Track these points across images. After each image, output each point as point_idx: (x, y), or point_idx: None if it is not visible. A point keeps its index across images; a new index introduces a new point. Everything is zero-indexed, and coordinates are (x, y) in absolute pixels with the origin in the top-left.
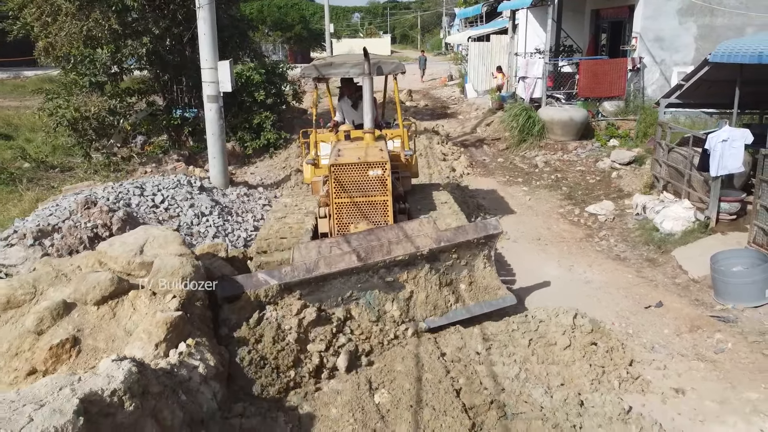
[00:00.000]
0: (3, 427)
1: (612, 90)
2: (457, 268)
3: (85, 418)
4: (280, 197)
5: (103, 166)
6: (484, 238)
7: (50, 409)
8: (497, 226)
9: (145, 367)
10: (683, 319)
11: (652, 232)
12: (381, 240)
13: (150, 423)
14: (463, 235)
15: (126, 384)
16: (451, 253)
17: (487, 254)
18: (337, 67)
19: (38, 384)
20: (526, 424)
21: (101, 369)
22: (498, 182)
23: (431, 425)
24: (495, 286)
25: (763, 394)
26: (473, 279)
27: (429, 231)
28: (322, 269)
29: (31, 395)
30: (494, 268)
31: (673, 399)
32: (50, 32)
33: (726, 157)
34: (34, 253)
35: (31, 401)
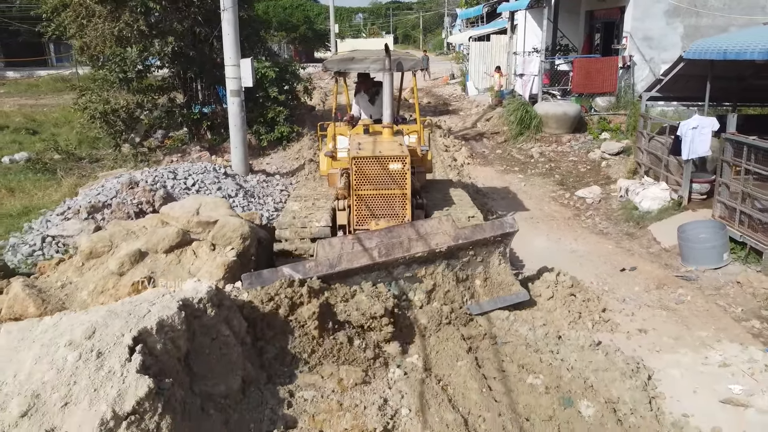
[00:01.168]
0: (133, 313)
1: (604, 86)
2: (473, 265)
3: (183, 314)
4: (296, 184)
5: (131, 157)
6: (501, 236)
7: (160, 305)
8: (513, 224)
9: (218, 288)
10: (652, 279)
11: (632, 211)
12: (401, 237)
13: (224, 327)
14: (480, 233)
15: (208, 295)
16: (468, 250)
17: (503, 251)
18: (358, 62)
19: (145, 293)
20: (513, 348)
21: (188, 286)
22: (496, 171)
23: (437, 347)
24: (509, 282)
25: (711, 333)
26: (488, 275)
27: (447, 229)
28: (344, 265)
29: (143, 299)
30: (509, 264)
31: (636, 336)
32: (85, 33)
33: (696, 143)
34: (88, 225)
35: (145, 301)
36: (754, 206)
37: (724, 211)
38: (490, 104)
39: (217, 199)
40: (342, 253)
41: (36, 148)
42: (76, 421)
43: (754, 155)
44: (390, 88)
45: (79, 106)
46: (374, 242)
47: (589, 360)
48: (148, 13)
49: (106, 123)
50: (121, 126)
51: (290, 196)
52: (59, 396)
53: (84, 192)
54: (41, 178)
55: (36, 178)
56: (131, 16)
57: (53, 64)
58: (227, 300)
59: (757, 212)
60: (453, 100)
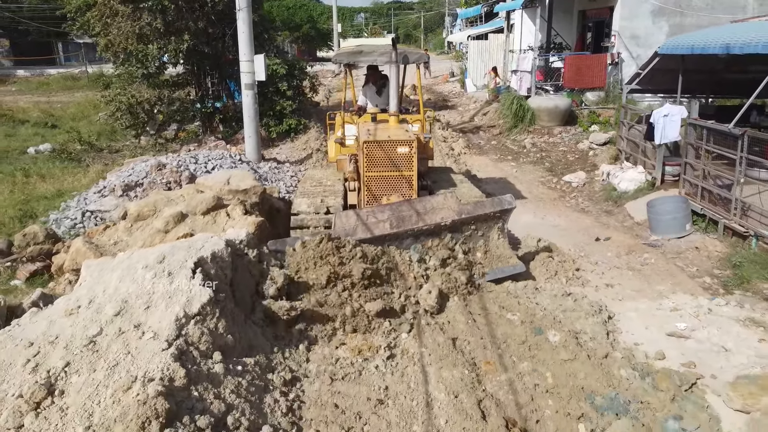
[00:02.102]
0: (191, 247)
1: (594, 82)
2: (474, 238)
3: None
4: (305, 171)
5: (150, 147)
6: (500, 212)
7: (211, 242)
8: (511, 201)
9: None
10: (623, 247)
11: (611, 192)
12: (410, 211)
13: (261, 267)
14: (481, 208)
15: (246, 238)
16: (471, 225)
17: (501, 227)
18: (366, 55)
19: (197, 236)
20: (496, 295)
21: (229, 232)
22: (490, 159)
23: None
24: (507, 255)
25: (668, 287)
26: (488, 248)
27: (452, 204)
28: (359, 235)
29: (197, 239)
30: (507, 239)
31: (603, 289)
32: (110, 31)
33: (667, 129)
34: (123, 202)
35: (199, 240)
36: (713, 183)
37: (689, 188)
38: (487, 100)
39: (244, 172)
40: (357, 224)
41: (58, 140)
42: (156, 319)
43: (712, 137)
44: (396, 80)
45: (104, 98)
46: (386, 215)
47: (559, 303)
48: (165, 12)
49: (130, 114)
50: (144, 117)
51: (302, 180)
52: (142, 302)
53: (115, 174)
54: (68, 166)
55: (63, 166)
56: (150, 15)
57: (61, 63)
58: (262, 246)
59: (715, 188)
60: (452, 96)
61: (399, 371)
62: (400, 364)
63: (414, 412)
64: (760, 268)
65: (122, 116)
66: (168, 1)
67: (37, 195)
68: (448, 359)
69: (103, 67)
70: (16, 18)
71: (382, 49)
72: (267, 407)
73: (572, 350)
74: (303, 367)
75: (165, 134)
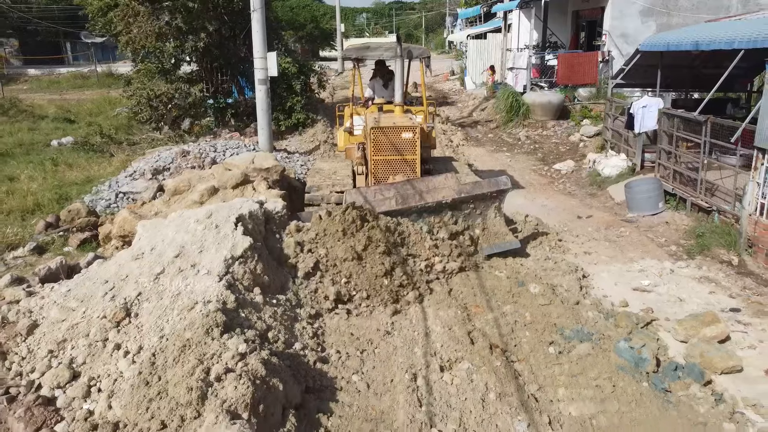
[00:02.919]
0: (232, 207)
1: (585, 78)
2: (473, 216)
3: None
4: (314, 161)
5: (167, 140)
6: (496, 192)
7: (248, 204)
8: (507, 182)
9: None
10: (602, 223)
11: (596, 177)
12: (414, 189)
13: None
14: (479, 188)
15: (273, 205)
16: (470, 204)
17: (498, 206)
18: (373, 50)
19: (235, 200)
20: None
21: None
22: (486, 150)
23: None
24: (503, 232)
25: (638, 254)
26: (486, 226)
27: (452, 184)
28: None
29: (234, 202)
30: (503, 217)
31: (581, 255)
32: (131, 30)
33: (645, 119)
34: (152, 184)
35: (237, 203)
36: (684, 166)
37: (663, 171)
38: (485, 96)
39: (266, 153)
40: (366, 201)
41: (78, 134)
42: (209, 260)
43: (682, 125)
44: (401, 73)
45: (126, 92)
46: (392, 192)
47: (541, 265)
48: (189, 11)
49: (150, 107)
50: (163, 110)
51: (310, 170)
52: (196, 247)
53: (142, 161)
54: (92, 156)
55: (87, 156)
56: (170, 15)
57: (70, 62)
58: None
59: (685, 170)
60: (452, 94)
61: (403, 312)
62: (404, 307)
63: (415, 339)
64: (719, 237)
65: (143, 109)
66: (191, 2)
67: (68, 181)
68: (443, 303)
69: (111, 66)
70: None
71: (388, 45)
72: (297, 331)
73: (549, 297)
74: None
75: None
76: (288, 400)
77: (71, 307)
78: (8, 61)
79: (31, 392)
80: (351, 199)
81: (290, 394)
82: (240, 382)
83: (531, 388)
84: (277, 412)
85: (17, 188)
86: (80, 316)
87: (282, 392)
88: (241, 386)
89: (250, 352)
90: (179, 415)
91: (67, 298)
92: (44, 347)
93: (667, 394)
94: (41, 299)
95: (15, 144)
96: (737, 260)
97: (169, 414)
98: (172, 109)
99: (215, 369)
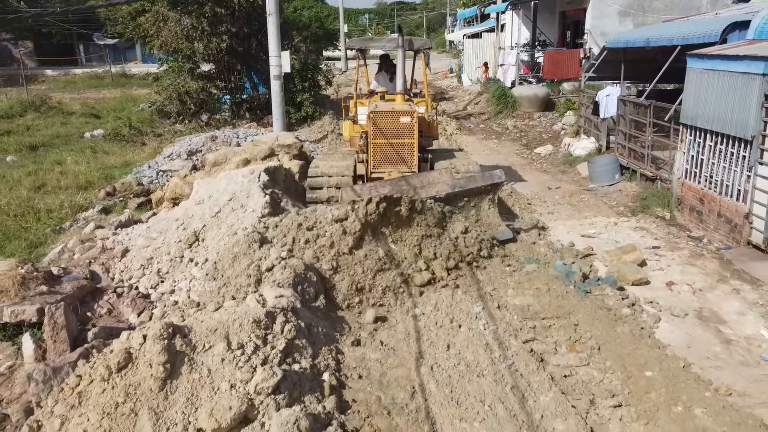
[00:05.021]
0: (265, 167)
1: (569, 73)
2: (467, 208)
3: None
4: (323, 149)
5: (189, 130)
6: (490, 186)
7: (256, 170)
8: (501, 176)
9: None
10: (568, 192)
11: (568, 157)
12: (409, 185)
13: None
14: (473, 182)
15: (299, 170)
16: (464, 197)
17: (492, 198)
18: (376, 42)
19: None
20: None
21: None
22: (477, 138)
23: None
24: (497, 223)
25: (592, 213)
26: (480, 217)
27: (447, 179)
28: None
29: (267, 163)
30: (497, 209)
31: (545, 215)
32: (161, 34)
33: (608, 106)
34: (187, 163)
35: (246, 171)
36: (636, 143)
37: (620, 149)
38: (479, 92)
39: (287, 133)
40: (361, 197)
41: (107, 127)
42: (253, 202)
43: (634, 108)
44: (402, 62)
45: (157, 87)
46: (387, 189)
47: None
48: (216, 16)
49: (180, 102)
50: (191, 104)
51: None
52: (244, 194)
53: (176, 145)
54: (125, 145)
55: (121, 145)
56: (196, 19)
57: (83, 63)
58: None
59: (636, 147)
60: (450, 90)
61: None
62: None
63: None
64: (658, 200)
65: (173, 103)
66: (217, 8)
67: (109, 165)
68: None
69: (125, 66)
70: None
71: (390, 37)
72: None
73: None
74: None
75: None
76: (316, 290)
77: (153, 237)
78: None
79: (132, 290)
80: (347, 196)
81: (318, 286)
82: (285, 270)
83: (488, 288)
84: (311, 294)
85: (68, 170)
86: (161, 242)
87: (315, 281)
88: (285, 272)
89: (287, 257)
90: (243, 293)
91: (149, 231)
92: (137, 263)
93: (587, 295)
94: (126, 235)
95: (53, 136)
96: (669, 215)
97: (235, 292)
98: (194, 103)
99: (264, 264)
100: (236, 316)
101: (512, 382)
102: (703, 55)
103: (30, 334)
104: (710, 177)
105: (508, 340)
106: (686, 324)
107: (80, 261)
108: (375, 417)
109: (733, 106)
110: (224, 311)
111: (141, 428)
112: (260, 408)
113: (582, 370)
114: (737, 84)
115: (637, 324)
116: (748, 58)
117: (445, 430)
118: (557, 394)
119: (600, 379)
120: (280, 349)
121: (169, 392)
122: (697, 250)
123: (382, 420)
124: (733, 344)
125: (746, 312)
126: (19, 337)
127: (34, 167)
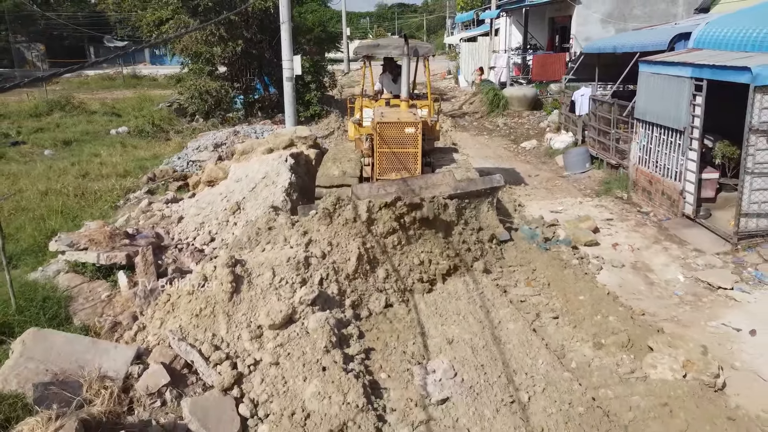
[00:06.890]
0: (290, 152)
1: (556, 75)
2: (467, 210)
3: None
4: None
5: (207, 128)
6: (490, 189)
7: (284, 154)
8: (500, 180)
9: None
10: (545, 179)
11: (549, 150)
12: (414, 185)
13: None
14: (474, 185)
15: (315, 156)
16: (464, 199)
17: (491, 201)
18: (382, 48)
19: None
20: None
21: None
22: (470, 135)
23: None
24: (495, 224)
25: (563, 195)
26: (479, 218)
27: (449, 181)
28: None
29: (274, 154)
30: (495, 211)
31: (523, 197)
32: (182, 39)
33: (583, 104)
34: (214, 154)
35: (275, 155)
36: (603, 136)
37: (591, 142)
38: (474, 92)
39: (304, 127)
40: (370, 195)
41: (130, 124)
42: (282, 179)
43: (601, 106)
44: (408, 70)
45: (180, 87)
46: (394, 188)
47: None
48: (229, 22)
49: (200, 100)
50: (212, 103)
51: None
52: (274, 173)
53: (202, 139)
54: (150, 141)
55: (147, 141)
56: (215, 26)
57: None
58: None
59: (604, 139)
60: (447, 91)
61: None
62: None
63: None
64: (619, 184)
65: (195, 102)
66: (233, 16)
67: (140, 157)
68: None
69: (135, 68)
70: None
71: (396, 43)
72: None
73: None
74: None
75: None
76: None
77: (202, 206)
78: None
79: (190, 246)
80: (357, 192)
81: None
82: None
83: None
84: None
85: (105, 161)
86: (209, 210)
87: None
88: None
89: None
90: (279, 242)
91: (198, 203)
92: (191, 226)
93: (546, 251)
94: (179, 206)
95: (82, 132)
96: (626, 196)
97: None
98: (213, 102)
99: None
100: (278, 255)
101: (480, 302)
102: (651, 61)
103: (123, 272)
104: (657, 162)
105: (480, 279)
106: (622, 272)
107: (145, 226)
108: (381, 324)
109: (671, 103)
110: (270, 252)
111: (218, 324)
112: (300, 314)
113: (534, 298)
114: (674, 85)
115: (582, 270)
116: (681, 64)
117: (431, 332)
118: (513, 309)
119: (546, 302)
120: (315, 281)
121: (235, 301)
122: (642, 221)
123: (386, 325)
124: (654, 285)
125: (670, 264)
126: (111, 276)
127: (74, 159)
